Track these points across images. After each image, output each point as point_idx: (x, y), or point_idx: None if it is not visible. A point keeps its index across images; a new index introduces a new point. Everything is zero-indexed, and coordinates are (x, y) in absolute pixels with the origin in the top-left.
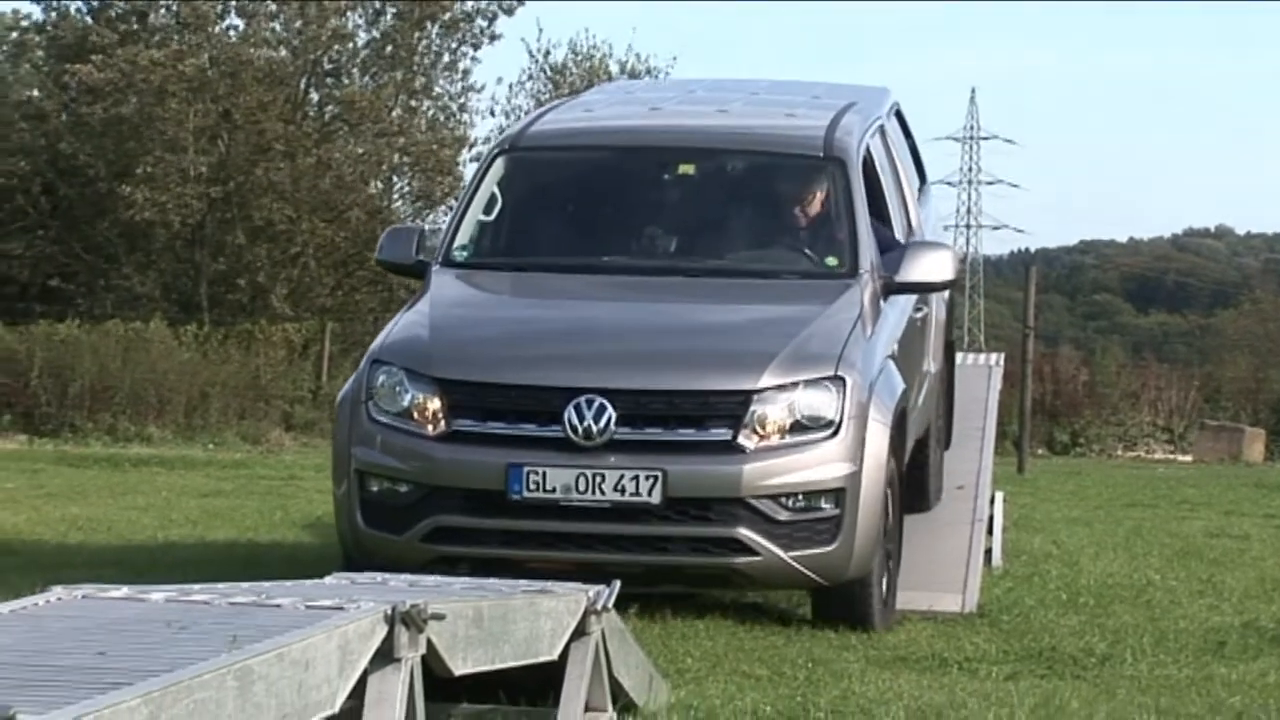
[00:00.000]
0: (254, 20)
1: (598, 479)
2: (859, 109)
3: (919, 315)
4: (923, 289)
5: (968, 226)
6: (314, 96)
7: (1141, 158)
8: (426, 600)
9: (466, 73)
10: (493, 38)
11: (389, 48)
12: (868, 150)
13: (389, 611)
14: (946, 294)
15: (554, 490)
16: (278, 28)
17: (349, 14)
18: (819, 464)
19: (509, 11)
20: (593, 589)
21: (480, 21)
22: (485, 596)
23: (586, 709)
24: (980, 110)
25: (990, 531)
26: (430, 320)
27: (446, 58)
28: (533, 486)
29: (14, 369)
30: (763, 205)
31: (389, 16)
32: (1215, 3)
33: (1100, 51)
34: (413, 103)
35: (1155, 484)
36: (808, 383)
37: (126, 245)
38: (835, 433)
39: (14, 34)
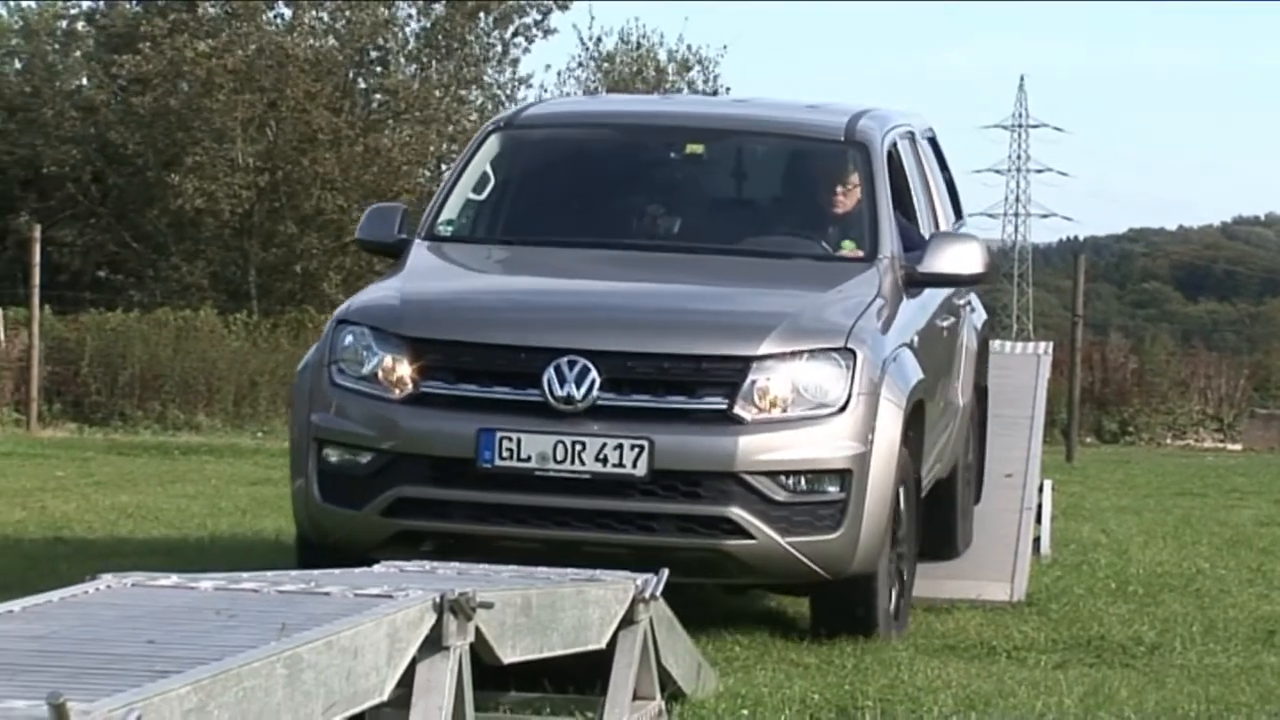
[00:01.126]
0: (300, 9)
1: (578, 447)
2: (883, 112)
3: (945, 325)
4: (949, 281)
5: (1016, 215)
6: (361, 85)
7: (1191, 146)
8: (475, 589)
9: (516, 62)
10: (546, 32)
11: (440, 38)
12: (894, 147)
13: (438, 599)
14: (979, 324)
15: (529, 459)
16: (325, 17)
17: (398, 3)
18: (823, 441)
19: (563, 7)
20: (640, 577)
21: (535, 15)
22: (534, 585)
23: (634, 697)
24: (1029, 98)
25: (1039, 520)
26: (404, 283)
27: (499, 48)
28: (505, 454)
29: (65, 357)
30: (777, 188)
31: (440, 6)
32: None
33: (1150, 42)
34: (461, 92)
35: (1204, 472)
36: (814, 353)
37: (175, 234)
38: (843, 409)
39: (63, 23)
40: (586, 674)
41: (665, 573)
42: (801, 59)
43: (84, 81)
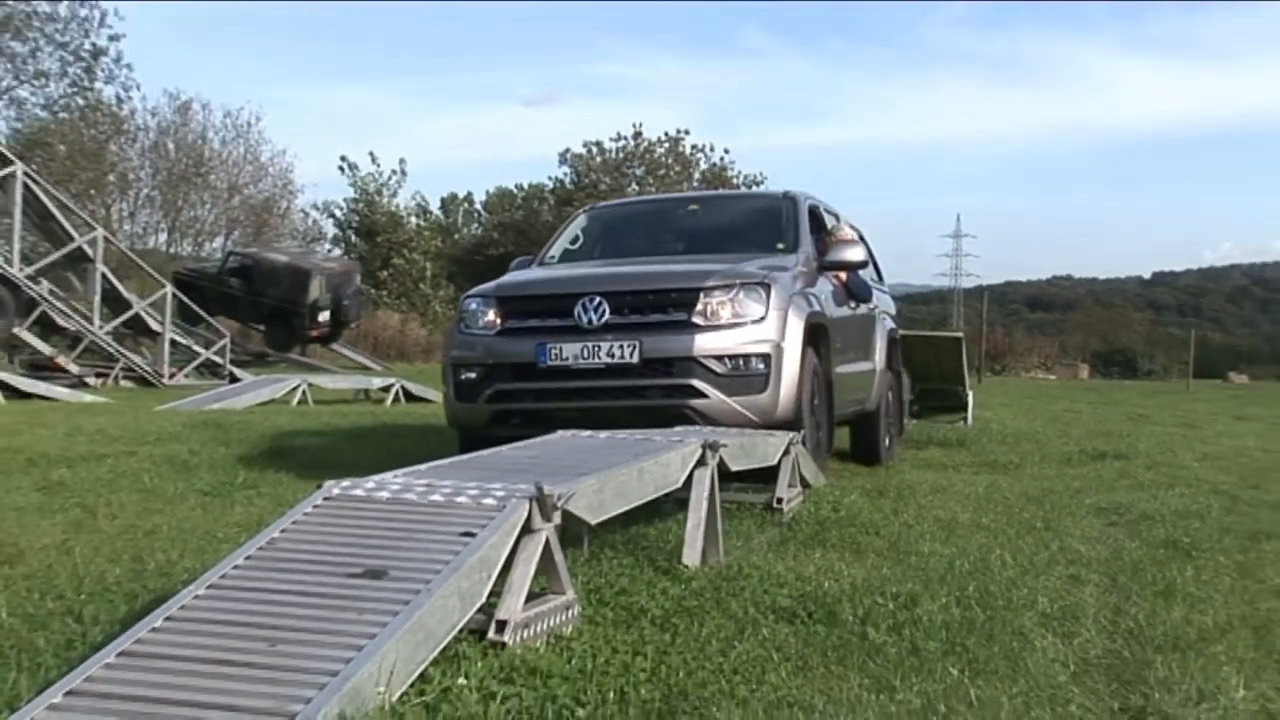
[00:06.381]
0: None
1: (596, 349)
2: (810, 193)
3: (857, 312)
4: (846, 266)
5: (955, 275)
6: None
7: (1036, 244)
8: (718, 439)
9: None
10: (689, 179)
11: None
12: (817, 209)
13: (703, 443)
14: (890, 328)
15: (567, 359)
16: (604, 188)
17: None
18: (751, 337)
19: (696, 164)
20: (794, 434)
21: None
22: (745, 436)
23: (789, 486)
24: (963, 222)
25: (966, 408)
26: (505, 276)
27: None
28: (553, 358)
29: None
30: (742, 224)
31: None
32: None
33: (1021, 195)
34: None
35: (1039, 389)
36: (744, 285)
37: None
38: (763, 319)
39: (464, 205)
40: (767, 477)
41: (805, 432)
42: (838, 194)
43: (477, 229)
